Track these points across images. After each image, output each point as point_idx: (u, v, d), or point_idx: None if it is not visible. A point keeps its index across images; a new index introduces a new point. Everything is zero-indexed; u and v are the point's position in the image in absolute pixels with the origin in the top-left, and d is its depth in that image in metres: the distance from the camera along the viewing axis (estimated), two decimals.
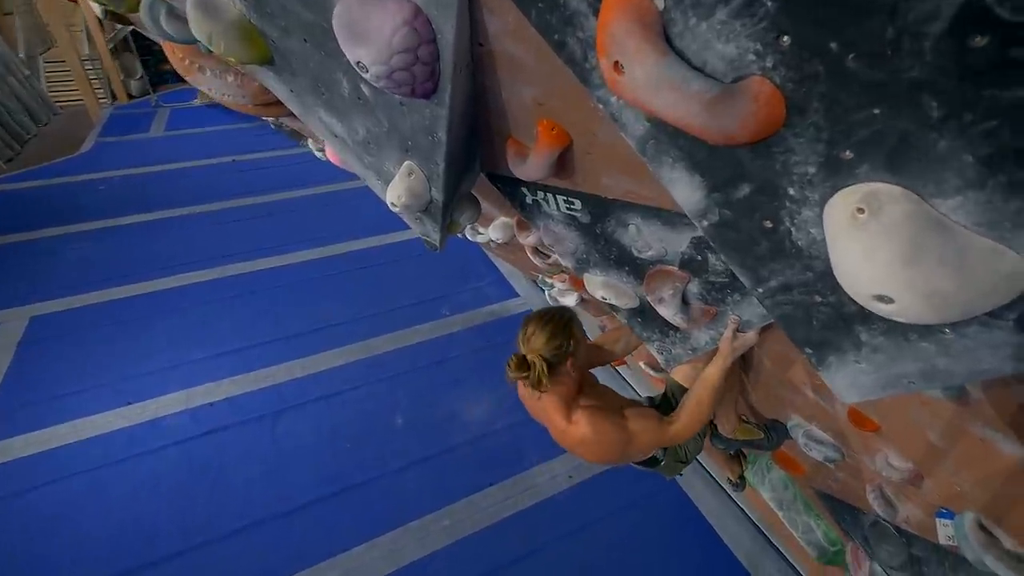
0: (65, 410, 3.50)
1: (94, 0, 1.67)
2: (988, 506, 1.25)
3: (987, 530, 1.28)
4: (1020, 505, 1.15)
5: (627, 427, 1.40)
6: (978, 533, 1.28)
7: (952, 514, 1.39)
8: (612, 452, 1.43)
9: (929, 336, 0.72)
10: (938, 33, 0.46)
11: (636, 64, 0.59)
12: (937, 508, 1.43)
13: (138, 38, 10.97)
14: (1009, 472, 1.12)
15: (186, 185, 7.12)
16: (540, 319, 1.40)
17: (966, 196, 0.55)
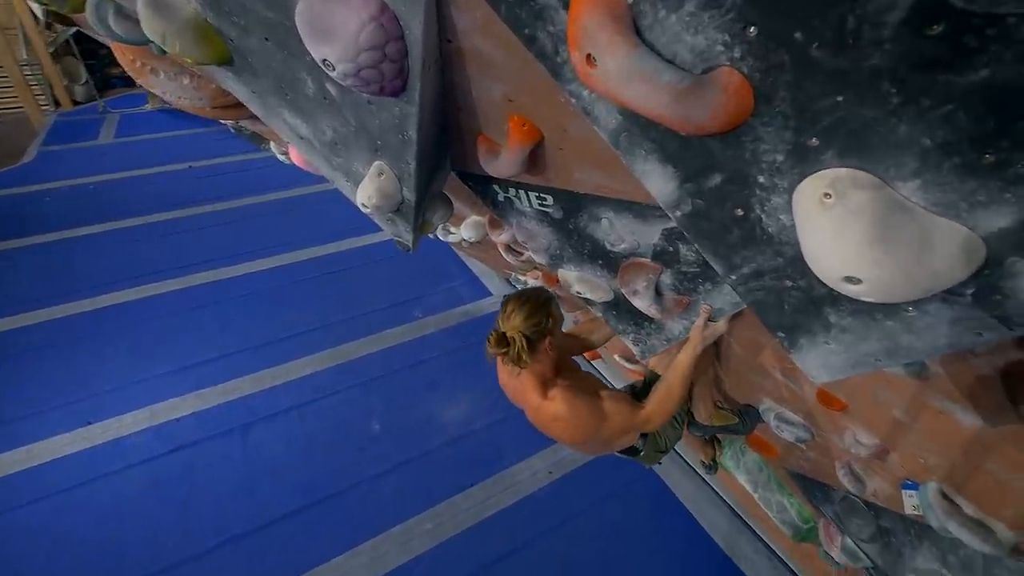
0: (17, 435, 3.31)
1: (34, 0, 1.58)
2: (949, 475, 1.32)
3: (949, 498, 1.35)
4: (978, 473, 1.21)
5: (601, 408, 1.41)
6: (941, 501, 1.35)
7: (916, 485, 1.46)
8: (584, 432, 1.44)
9: (894, 315, 0.75)
10: (896, 22, 0.48)
11: (608, 56, 0.59)
12: (902, 480, 1.50)
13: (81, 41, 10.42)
14: (966, 442, 1.18)
15: (140, 194, 6.83)
16: (520, 298, 1.42)
17: (924, 178, 0.57)
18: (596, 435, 1.45)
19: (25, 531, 2.80)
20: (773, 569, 2.76)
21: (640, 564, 2.80)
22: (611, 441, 1.54)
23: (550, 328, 1.39)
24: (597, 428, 1.42)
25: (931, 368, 1.12)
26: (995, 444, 1.11)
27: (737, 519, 2.99)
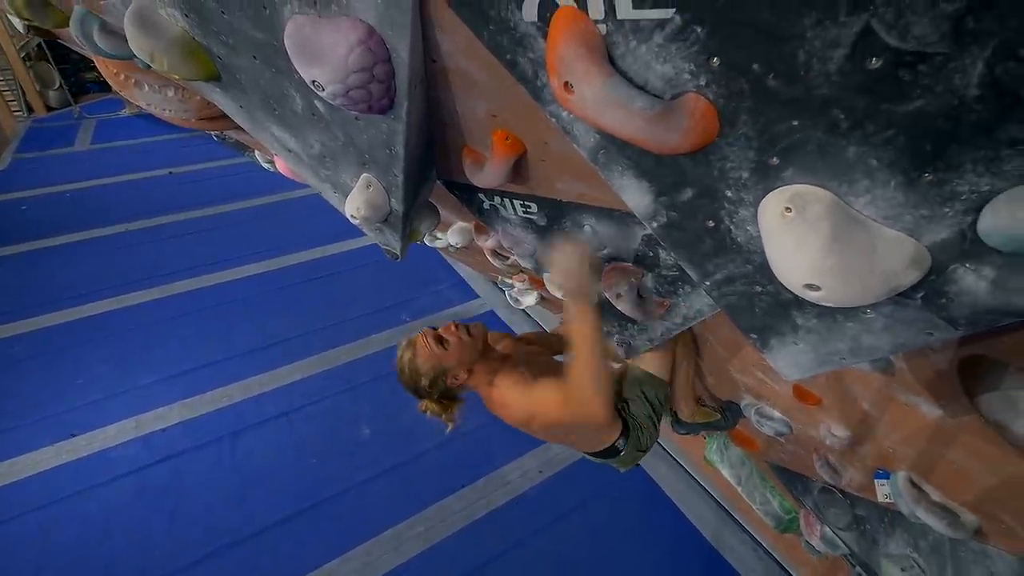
0: (4, 447, 3.27)
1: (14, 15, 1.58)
2: (916, 464, 1.39)
3: (917, 486, 1.42)
4: (941, 461, 1.28)
5: (532, 394, 1.40)
6: (909, 489, 1.42)
7: (888, 474, 1.53)
8: (522, 416, 1.42)
9: (854, 317, 0.81)
10: (840, 57, 0.53)
11: (584, 85, 0.64)
12: (875, 470, 1.57)
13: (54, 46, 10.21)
14: (930, 432, 1.25)
15: (120, 201, 6.73)
16: (401, 380, 1.49)
17: (874, 194, 0.63)
18: (535, 419, 1.40)
19: (9, 546, 2.77)
20: (758, 560, 2.84)
21: (630, 558, 2.86)
22: (570, 425, 1.44)
23: (445, 374, 1.44)
24: (533, 413, 1.39)
25: (896, 364, 1.19)
26: (955, 433, 1.18)
27: (723, 512, 3.07)
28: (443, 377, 1.43)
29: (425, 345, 1.42)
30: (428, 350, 1.41)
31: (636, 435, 1.71)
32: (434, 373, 1.42)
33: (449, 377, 1.44)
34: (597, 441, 1.64)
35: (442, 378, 1.43)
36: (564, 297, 1.27)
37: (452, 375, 1.44)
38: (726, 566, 2.83)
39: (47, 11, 1.53)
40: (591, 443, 1.65)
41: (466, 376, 1.46)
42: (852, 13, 0.50)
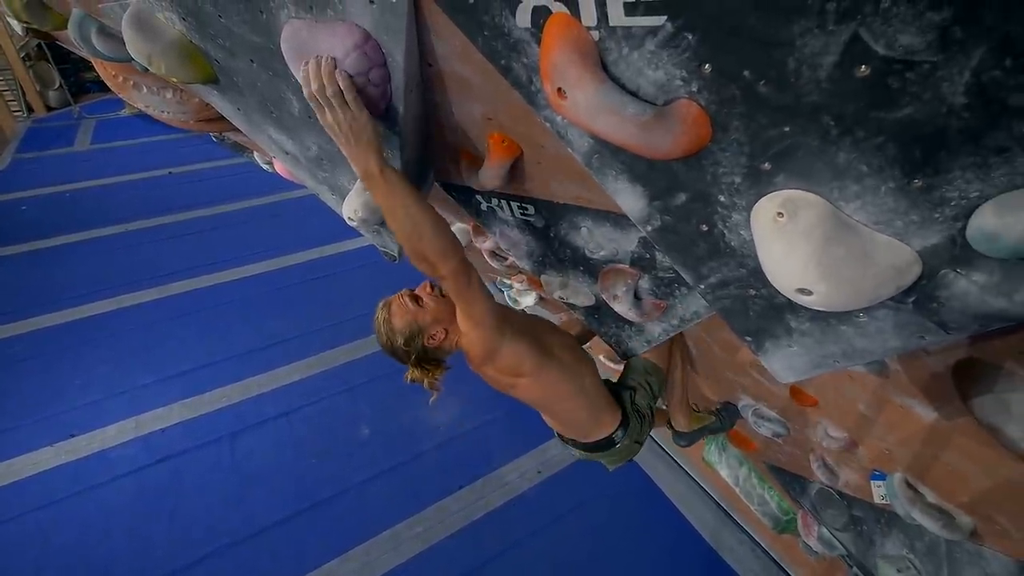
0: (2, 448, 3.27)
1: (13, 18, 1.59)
2: (912, 465, 1.39)
3: (913, 487, 1.43)
4: (937, 462, 1.29)
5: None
6: (905, 490, 1.43)
7: (884, 475, 1.54)
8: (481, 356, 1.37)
9: (847, 320, 0.81)
10: (830, 64, 0.54)
11: (577, 91, 0.64)
12: (871, 471, 1.58)
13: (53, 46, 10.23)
14: (925, 434, 1.26)
15: (119, 201, 6.74)
16: (379, 342, 1.45)
17: (865, 199, 0.63)
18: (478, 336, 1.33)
19: (8, 546, 2.77)
20: (756, 559, 2.84)
21: (629, 558, 2.86)
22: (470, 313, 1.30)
23: (421, 333, 1.38)
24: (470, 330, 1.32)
25: (891, 366, 1.19)
26: (949, 435, 1.19)
27: (721, 512, 3.07)
28: (419, 336, 1.38)
29: (400, 304, 1.39)
30: (403, 308, 1.38)
31: (637, 425, 1.67)
32: (409, 331, 1.37)
33: (426, 336, 1.38)
34: (599, 411, 1.58)
35: (418, 337, 1.38)
36: (338, 142, 0.99)
37: (428, 334, 1.38)
38: (725, 566, 2.84)
39: (45, 14, 1.53)
40: (590, 411, 1.57)
41: (443, 335, 1.40)
42: (840, 22, 0.50)
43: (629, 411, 1.66)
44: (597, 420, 1.61)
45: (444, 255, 1.11)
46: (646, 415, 1.71)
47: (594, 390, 1.57)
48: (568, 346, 1.51)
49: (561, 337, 1.52)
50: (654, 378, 1.80)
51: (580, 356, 1.55)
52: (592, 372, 1.55)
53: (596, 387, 1.58)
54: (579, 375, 1.50)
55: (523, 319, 1.45)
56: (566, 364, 1.46)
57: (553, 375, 1.44)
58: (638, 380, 1.76)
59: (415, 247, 1.09)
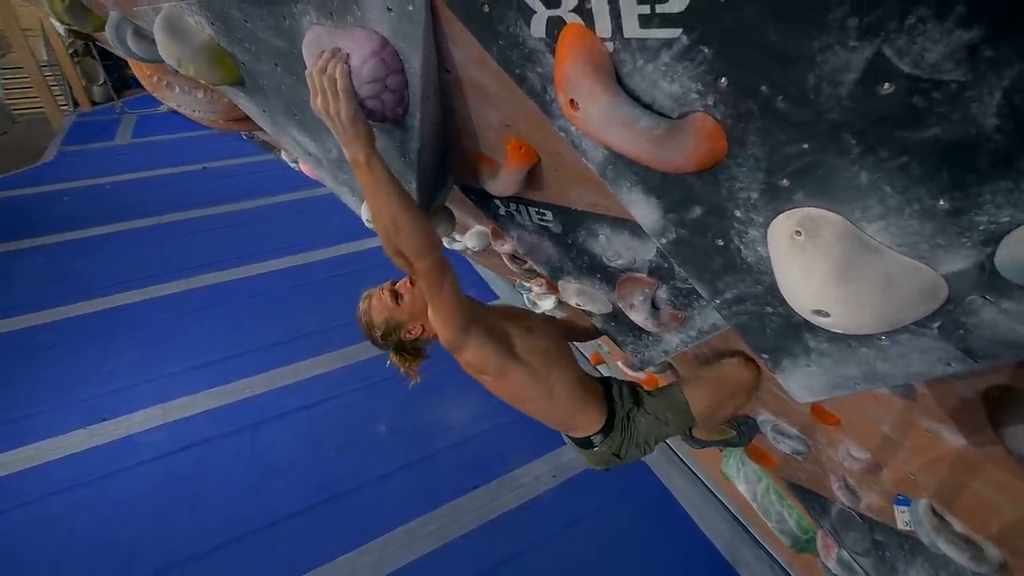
0: (32, 431, 3.42)
1: (56, 20, 1.65)
2: (938, 492, 1.34)
3: (939, 515, 1.37)
4: (965, 491, 1.23)
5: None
6: (931, 518, 1.37)
7: (908, 501, 1.48)
8: (453, 343, 1.35)
9: (868, 343, 0.78)
10: (851, 81, 0.51)
11: (590, 103, 0.63)
12: (895, 496, 1.52)
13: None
14: (953, 461, 1.20)
15: (155, 194, 6.97)
16: (360, 329, 1.50)
17: (888, 220, 0.60)
18: (445, 323, 1.30)
19: (39, 526, 2.89)
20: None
21: (642, 567, 2.83)
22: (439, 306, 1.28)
23: (399, 328, 1.44)
24: (439, 320, 1.30)
25: (918, 389, 1.14)
26: (979, 464, 1.14)
27: (739, 526, 3.01)
28: (397, 331, 1.44)
29: (380, 299, 1.43)
30: (382, 304, 1.42)
31: (620, 441, 1.62)
32: (387, 326, 1.43)
33: (403, 331, 1.44)
34: (568, 416, 1.56)
35: (396, 331, 1.44)
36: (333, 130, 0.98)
37: (406, 329, 1.44)
38: None
39: (86, 16, 1.59)
40: (559, 413, 1.55)
41: (420, 330, 1.45)
42: (862, 38, 0.48)
43: (617, 423, 1.61)
44: (568, 422, 1.58)
45: (419, 253, 1.12)
46: (638, 442, 1.63)
47: (564, 395, 1.51)
48: (540, 351, 1.46)
49: (535, 341, 1.47)
50: (677, 420, 1.65)
51: (552, 361, 1.49)
52: (562, 378, 1.50)
53: (567, 392, 1.52)
54: (546, 380, 1.47)
55: (496, 322, 1.42)
56: (534, 369, 1.44)
57: (517, 378, 1.43)
58: (657, 410, 1.65)
59: (391, 241, 1.10)
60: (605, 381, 1.69)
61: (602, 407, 1.60)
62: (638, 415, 1.64)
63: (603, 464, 1.68)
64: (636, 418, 1.63)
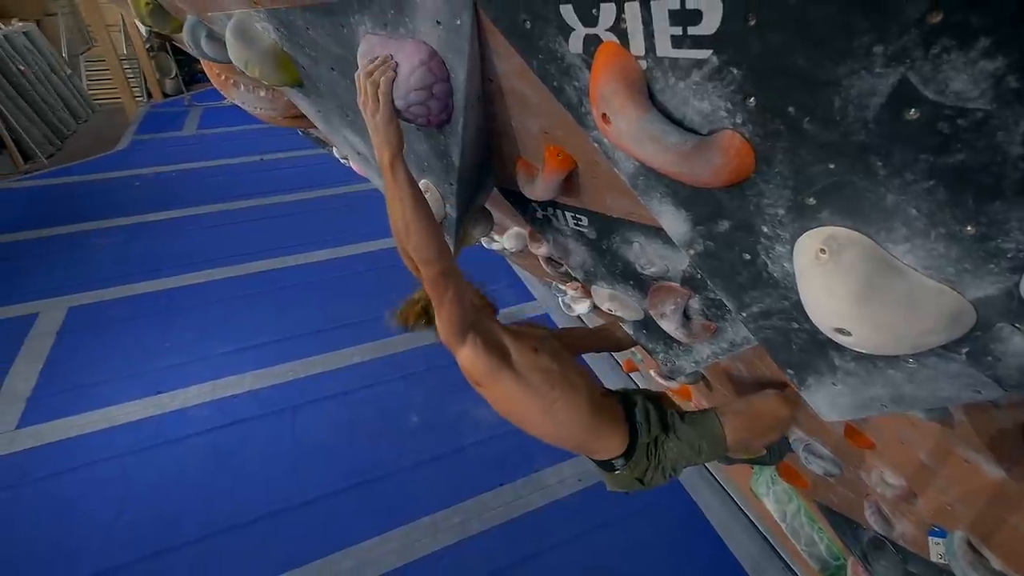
0: (98, 397, 3.70)
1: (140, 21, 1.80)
2: (976, 525, 1.28)
3: (975, 549, 1.31)
4: (1005, 525, 1.18)
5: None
6: (967, 552, 1.32)
7: (944, 532, 1.43)
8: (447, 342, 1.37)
9: (895, 364, 0.78)
10: (877, 106, 0.52)
11: (621, 118, 0.66)
12: (930, 526, 1.47)
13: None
14: (993, 493, 1.16)
15: (216, 183, 7.38)
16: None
17: (913, 243, 0.61)
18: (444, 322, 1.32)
19: (97, 486, 3.13)
20: None
21: None
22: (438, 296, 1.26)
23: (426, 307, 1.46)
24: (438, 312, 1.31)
25: (956, 416, 1.11)
26: (1020, 498, 1.09)
27: (767, 546, 2.93)
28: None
29: (416, 316, 1.54)
30: (418, 322, 1.53)
31: (646, 467, 1.55)
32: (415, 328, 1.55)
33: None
34: (580, 441, 1.51)
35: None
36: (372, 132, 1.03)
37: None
38: None
39: (166, 19, 1.73)
40: (568, 437, 1.51)
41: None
42: (888, 65, 0.49)
43: (640, 447, 1.53)
44: (583, 446, 1.54)
45: (425, 260, 1.14)
46: (665, 467, 1.57)
47: (570, 418, 1.45)
48: (541, 368, 1.41)
49: (537, 359, 1.42)
50: (711, 447, 1.58)
51: (554, 381, 1.42)
52: (567, 400, 1.43)
53: (574, 415, 1.45)
54: (544, 397, 1.41)
55: (498, 335, 1.42)
56: (529, 384, 1.39)
57: (507, 389, 1.39)
58: (690, 436, 1.57)
59: (402, 243, 1.14)
60: (628, 401, 1.61)
61: (622, 432, 1.52)
62: (668, 442, 1.56)
63: (624, 488, 1.62)
64: (665, 444, 1.56)
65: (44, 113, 8.70)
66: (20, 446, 3.34)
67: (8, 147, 7.57)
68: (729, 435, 1.58)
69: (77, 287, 4.86)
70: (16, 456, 3.28)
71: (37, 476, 3.17)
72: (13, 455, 3.28)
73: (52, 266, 5.24)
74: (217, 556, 2.81)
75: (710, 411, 1.62)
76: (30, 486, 3.11)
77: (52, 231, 5.92)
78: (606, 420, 1.51)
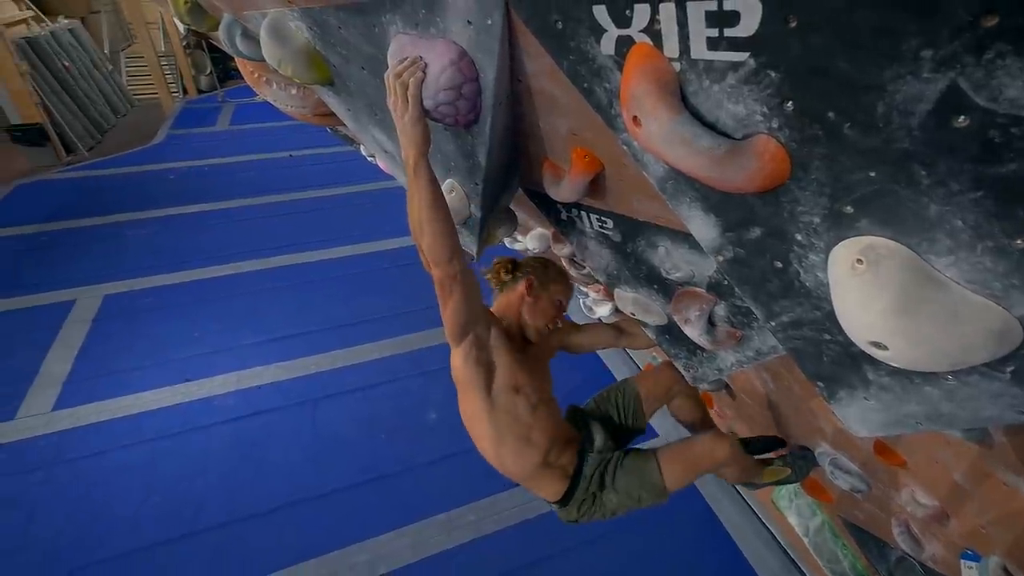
0: (130, 383, 3.82)
1: (178, 19, 1.85)
2: (1013, 551, 1.23)
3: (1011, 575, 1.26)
4: None
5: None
6: None
7: (978, 557, 1.37)
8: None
9: (933, 381, 0.74)
10: (923, 112, 0.50)
11: (652, 120, 0.65)
12: (962, 549, 1.41)
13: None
14: None
15: (246, 177, 7.55)
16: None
17: (958, 255, 0.58)
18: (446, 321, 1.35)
19: (125, 470, 3.23)
20: None
21: None
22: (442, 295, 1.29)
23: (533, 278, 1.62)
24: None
25: (995, 437, 1.06)
26: None
27: (787, 559, 2.86)
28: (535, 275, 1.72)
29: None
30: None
31: (578, 515, 1.62)
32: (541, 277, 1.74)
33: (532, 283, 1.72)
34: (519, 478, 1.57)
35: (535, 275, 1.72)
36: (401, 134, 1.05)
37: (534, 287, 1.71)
38: None
39: (203, 17, 1.78)
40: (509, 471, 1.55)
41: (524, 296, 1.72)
42: (936, 70, 0.47)
43: (575, 500, 1.59)
44: (519, 480, 1.58)
45: (436, 260, 1.19)
46: (599, 512, 1.63)
47: (512, 460, 1.50)
48: (509, 409, 1.45)
49: (513, 400, 1.46)
50: (648, 497, 1.63)
51: (516, 430, 1.47)
52: (519, 450, 1.49)
53: (520, 465, 1.51)
54: (502, 437, 1.47)
55: (494, 354, 1.45)
56: (492, 412, 1.44)
57: (473, 410, 1.46)
58: (628, 484, 1.61)
59: (417, 240, 1.18)
60: (582, 456, 1.64)
61: (561, 486, 1.58)
62: (606, 495, 1.61)
63: (564, 520, 1.68)
64: (603, 497, 1.61)
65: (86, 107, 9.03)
66: (55, 427, 3.47)
67: (52, 140, 7.88)
68: (668, 481, 1.62)
69: (112, 276, 5.03)
70: (51, 437, 3.41)
71: (70, 457, 3.29)
72: (49, 436, 3.41)
73: (89, 255, 5.43)
74: (237, 542, 2.87)
75: (652, 458, 1.65)
76: (64, 466, 3.23)
77: (90, 221, 6.14)
78: (547, 477, 1.57)
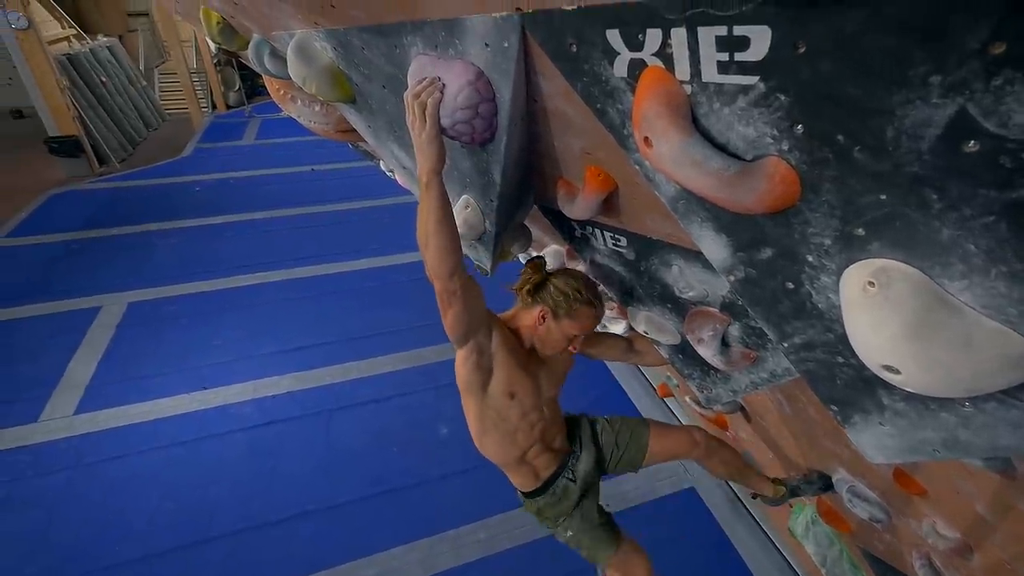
0: (150, 389, 3.89)
1: (210, 39, 1.93)
2: None
3: None
4: None
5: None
6: None
7: None
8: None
9: (949, 407, 0.73)
10: (933, 137, 0.51)
11: (663, 142, 0.66)
12: None
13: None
14: None
15: (269, 190, 7.73)
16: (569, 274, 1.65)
17: (972, 280, 0.58)
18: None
19: (141, 476, 3.27)
20: None
21: None
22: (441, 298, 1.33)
23: (548, 312, 1.57)
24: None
25: (1018, 466, 1.03)
26: None
27: None
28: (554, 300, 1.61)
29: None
30: None
31: (543, 512, 1.82)
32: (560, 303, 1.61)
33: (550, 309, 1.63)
34: (503, 469, 1.77)
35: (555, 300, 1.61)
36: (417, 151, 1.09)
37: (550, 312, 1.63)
38: None
39: (234, 36, 1.85)
40: (496, 461, 1.74)
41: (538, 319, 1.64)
42: (945, 96, 0.47)
43: (543, 507, 1.80)
44: (497, 462, 1.74)
45: (438, 275, 1.25)
46: (559, 535, 1.86)
47: (494, 447, 1.67)
48: (501, 413, 1.59)
49: (505, 403, 1.58)
50: (588, 552, 1.84)
51: (501, 428, 1.62)
52: (499, 443, 1.66)
53: (500, 445, 1.67)
54: (486, 425, 1.61)
55: (493, 360, 1.53)
56: (484, 415, 1.59)
57: (467, 400, 1.59)
58: (578, 536, 1.84)
59: (422, 253, 1.23)
60: (563, 467, 1.82)
61: (532, 483, 1.78)
62: (560, 523, 1.84)
63: (525, 510, 1.89)
64: (565, 523, 1.84)
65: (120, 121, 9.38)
66: (77, 431, 3.54)
67: (86, 152, 8.18)
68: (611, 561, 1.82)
69: (137, 284, 5.17)
70: (72, 440, 3.48)
71: (89, 461, 3.35)
72: (70, 439, 3.48)
73: (116, 263, 5.60)
74: (249, 551, 2.88)
75: (613, 544, 1.85)
76: (83, 469, 3.29)
77: (119, 230, 6.33)
78: (522, 471, 1.76)
